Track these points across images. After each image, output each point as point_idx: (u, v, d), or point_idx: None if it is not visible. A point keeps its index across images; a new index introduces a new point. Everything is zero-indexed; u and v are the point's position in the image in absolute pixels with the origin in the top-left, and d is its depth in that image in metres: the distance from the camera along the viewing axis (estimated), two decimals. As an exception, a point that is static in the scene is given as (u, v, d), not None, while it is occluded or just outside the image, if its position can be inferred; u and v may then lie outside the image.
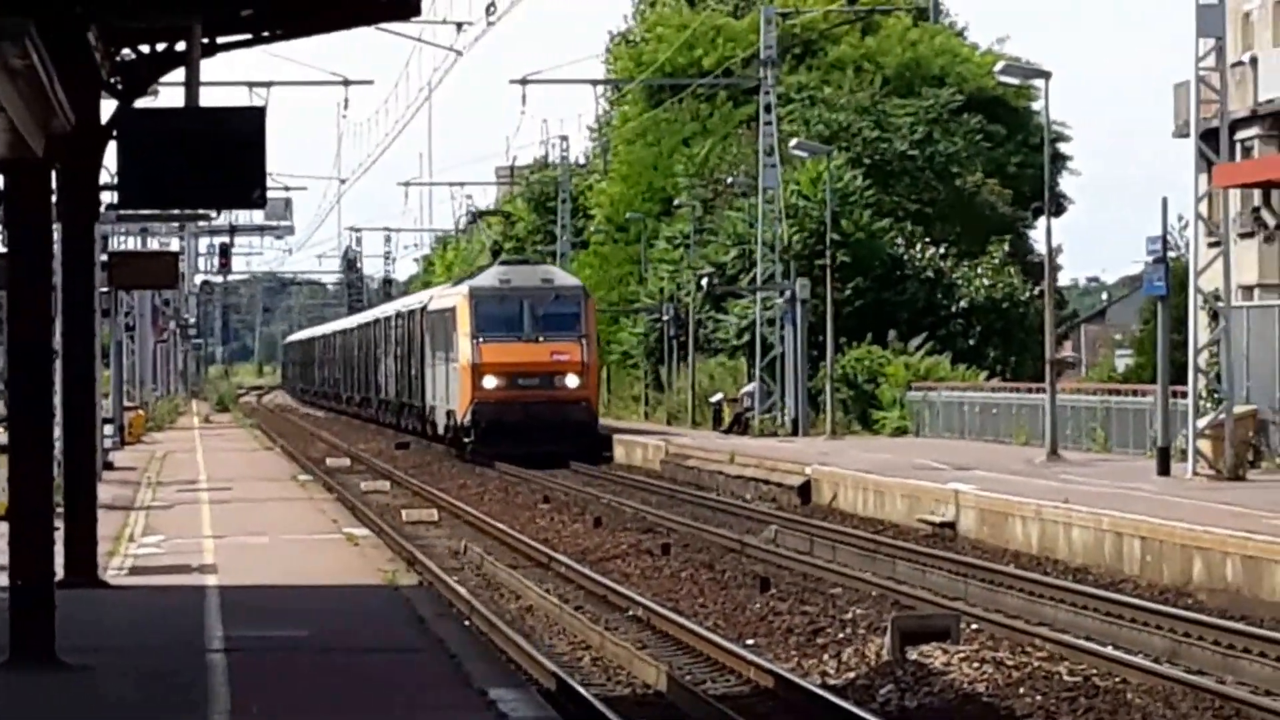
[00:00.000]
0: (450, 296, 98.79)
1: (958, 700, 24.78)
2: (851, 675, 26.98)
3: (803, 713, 24.06)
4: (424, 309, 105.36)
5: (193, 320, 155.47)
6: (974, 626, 30.03)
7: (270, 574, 32.62)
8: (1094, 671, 26.23)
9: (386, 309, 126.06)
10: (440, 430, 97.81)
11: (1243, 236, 66.45)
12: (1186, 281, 48.66)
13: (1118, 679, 25.83)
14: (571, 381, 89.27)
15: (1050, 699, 24.48)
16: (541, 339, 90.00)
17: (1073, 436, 60.13)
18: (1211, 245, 51.44)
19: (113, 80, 27.62)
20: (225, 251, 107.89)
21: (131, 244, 74.79)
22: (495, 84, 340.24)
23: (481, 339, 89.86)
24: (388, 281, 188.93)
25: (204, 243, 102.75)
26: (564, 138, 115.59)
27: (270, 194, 50.92)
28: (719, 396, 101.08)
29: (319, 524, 43.21)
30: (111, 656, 23.73)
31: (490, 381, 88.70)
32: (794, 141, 71.19)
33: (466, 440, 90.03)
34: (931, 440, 74.08)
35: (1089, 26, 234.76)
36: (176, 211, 66.61)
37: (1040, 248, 73.97)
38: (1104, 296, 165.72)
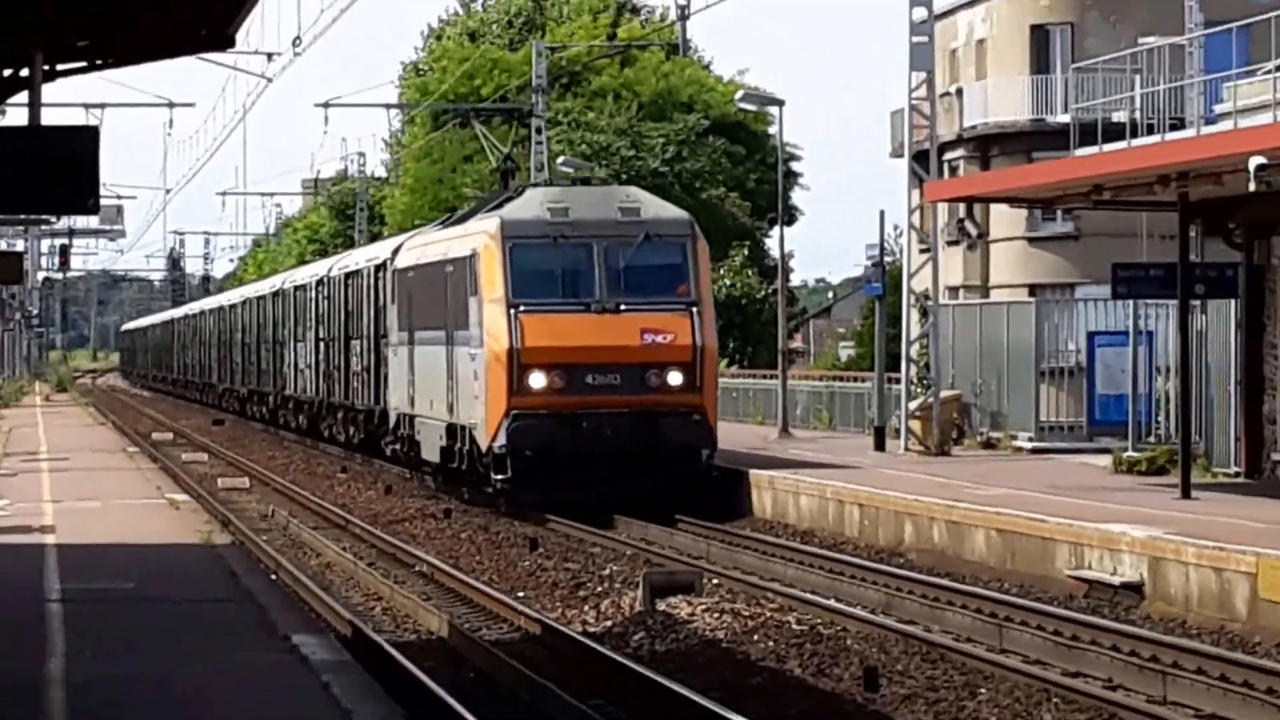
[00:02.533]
0: (452, 241, 49.30)
1: (700, 645, 24.74)
2: (608, 624, 26.99)
3: (566, 656, 23.92)
4: (385, 266, 56.89)
5: (35, 312, 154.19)
6: (714, 582, 30.02)
7: (102, 534, 32.30)
8: (818, 621, 26.34)
9: (296, 275, 78.76)
10: (426, 453, 49.75)
11: (949, 244, 68.41)
12: (901, 283, 49.72)
13: (839, 628, 25.90)
14: (675, 378, 43.57)
15: (780, 645, 24.50)
16: (624, 308, 43.87)
17: (802, 417, 60.05)
18: (922, 252, 52.38)
19: (-41, 100, 27.38)
20: (64, 252, 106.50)
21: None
22: (302, 106, 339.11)
23: (522, 308, 43.47)
24: (206, 279, 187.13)
25: (45, 244, 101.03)
26: (361, 154, 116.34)
27: (104, 202, 50.63)
28: None
29: (144, 490, 42.79)
30: None
31: (538, 379, 43.09)
32: (561, 159, 70.83)
33: (499, 479, 43.21)
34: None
35: (820, 60, 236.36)
36: (21, 217, 67.05)
37: (775, 253, 74.07)
38: (830, 295, 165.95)
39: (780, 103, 58.86)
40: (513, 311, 40.67)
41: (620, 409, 40.43)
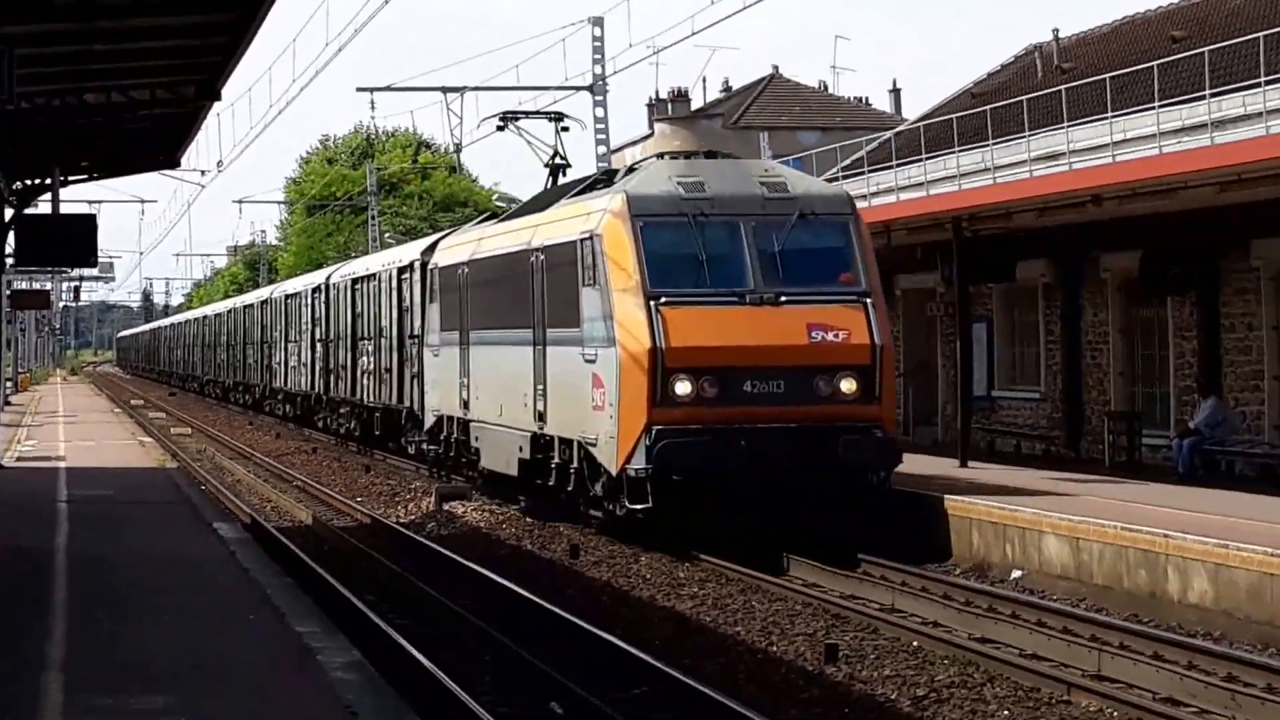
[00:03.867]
0: (541, 227, 24.63)
1: (470, 531, 24.44)
2: (413, 518, 26.53)
3: (386, 536, 23.61)
4: (413, 268, 34.94)
5: (58, 326, 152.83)
6: (478, 496, 28.93)
7: (95, 461, 31.70)
8: (546, 519, 25.06)
9: (285, 286, 57.10)
10: (491, 463, 26.94)
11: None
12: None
13: (551, 521, 24.98)
14: (850, 385, 21.08)
15: (519, 530, 24.09)
16: (785, 299, 21.26)
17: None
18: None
19: (10, 198, 27.40)
20: (76, 290, 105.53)
21: (23, 285, 72.33)
22: (225, 201, 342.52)
23: (663, 299, 20.98)
24: (166, 307, 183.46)
25: (64, 285, 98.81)
26: (263, 231, 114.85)
27: (100, 259, 50.37)
28: None
29: (124, 435, 42.02)
30: (6, 502, 23.60)
31: (685, 387, 20.71)
32: (387, 235, 70.70)
33: (636, 508, 20.68)
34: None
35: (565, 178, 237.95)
36: (49, 270, 66.97)
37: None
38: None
39: (518, 200, 58.52)
40: (652, 304, 20.50)
41: (786, 423, 20.60)
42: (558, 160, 29.23)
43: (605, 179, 23.69)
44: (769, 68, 63.81)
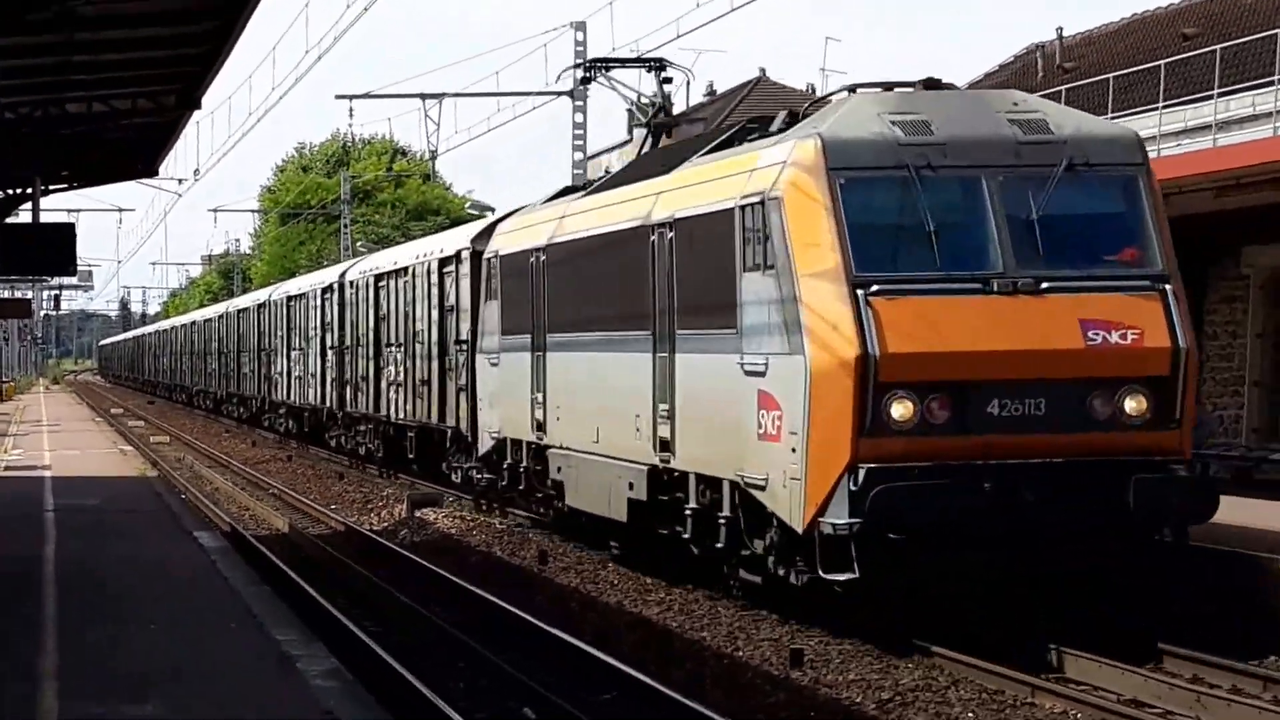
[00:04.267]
0: (669, 189, 17.49)
1: (440, 538, 24.59)
2: (386, 525, 26.67)
3: (361, 544, 23.81)
4: (460, 259, 28.39)
5: (39, 335, 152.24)
6: (450, 499, 29.10)
7: (79, 470, 31.78)
8: (516, 523, 25.56)
9: (286, 287, 50.14)
10: (583, 502, 20.26)
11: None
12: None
13: (525, 528, 25.41)
14: (1137, 405, 14.24)
15: (490, 536, 24.24)
16: (1048, 286, 14.17)
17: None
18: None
19: (-8, 207, 27.58)
20: (56, 299, 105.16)
21: (4, 294, 72.29)
22: (200, 210, 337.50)
23: (875, 287, 14.01)
24: (143, 315, 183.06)
25: (45, 294, 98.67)
26: (237, 240, 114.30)
27: (80, 267, 50.41)
28: None
29: (106, 444, 42.10)
30: None
31: (906, 409, 13.81)
32: (359, 243, 70.64)
33: (836, 579, 14.06)
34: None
35: (525, 186, 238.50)
36: (30, 278, 66.93)
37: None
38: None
39: (493, 209, 58.90)
40: (860, 294, 14.39)
41: (1049, 457, 14.47)
42: (661, 117, 23.11)
43: (760, 126, 17.08)
44: (756, 71, 63.40)
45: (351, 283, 38.11)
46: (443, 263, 29.66)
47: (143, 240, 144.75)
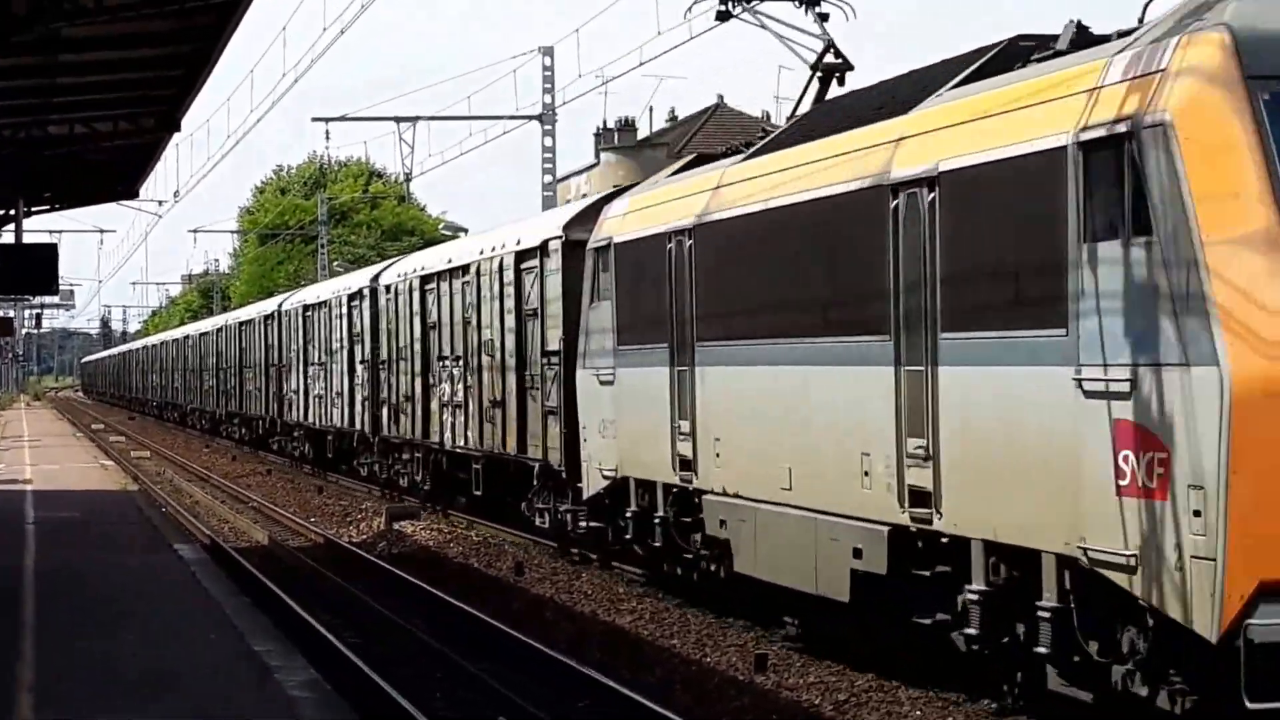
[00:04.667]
0: (918, 132, 12.10)
1: (419, 550, 24.63)
2: (365, 538, 26.72)
3: (340, 556, 23.87)
4: (547, 251, 22.38)
5: (21, 353, 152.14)
6: (428, 513, 28.85)
7: (61, 484, 31.90)
8: (491, 537, 25.63)
9: (302, 294, 44.42)
10: (758, 567, 14.89)
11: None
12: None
13: (497, 539, 25.32)
14: None
15: (467, 548, 24.26)
16: None
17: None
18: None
19: (-25, 228, 27.77)
20: (38, 318, 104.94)
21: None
22: (180, 231, 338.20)
23: None
24: (124, 333, 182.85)
25: (26, 312, 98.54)
26: (216, 260, 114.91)
27: (61, 287, 50.59)
28: None
29: (86, 458, 42.20)
30: None
31: None
32: (336, 263, 70.81)
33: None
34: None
35: (494, 207, 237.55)
36: (11, 297, 67.05)
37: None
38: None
39: (465, 229, 58.83)
40: None
41: None
42: (829, 59, 17.73)
43: (1079, 37, 11.75)
44: (715, 98, 64.06)
45: (388, 287, 32.32)
46: (521, 256, 23.90)
47: (124, 260, 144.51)
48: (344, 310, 36.00)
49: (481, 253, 26.11)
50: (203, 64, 18.92)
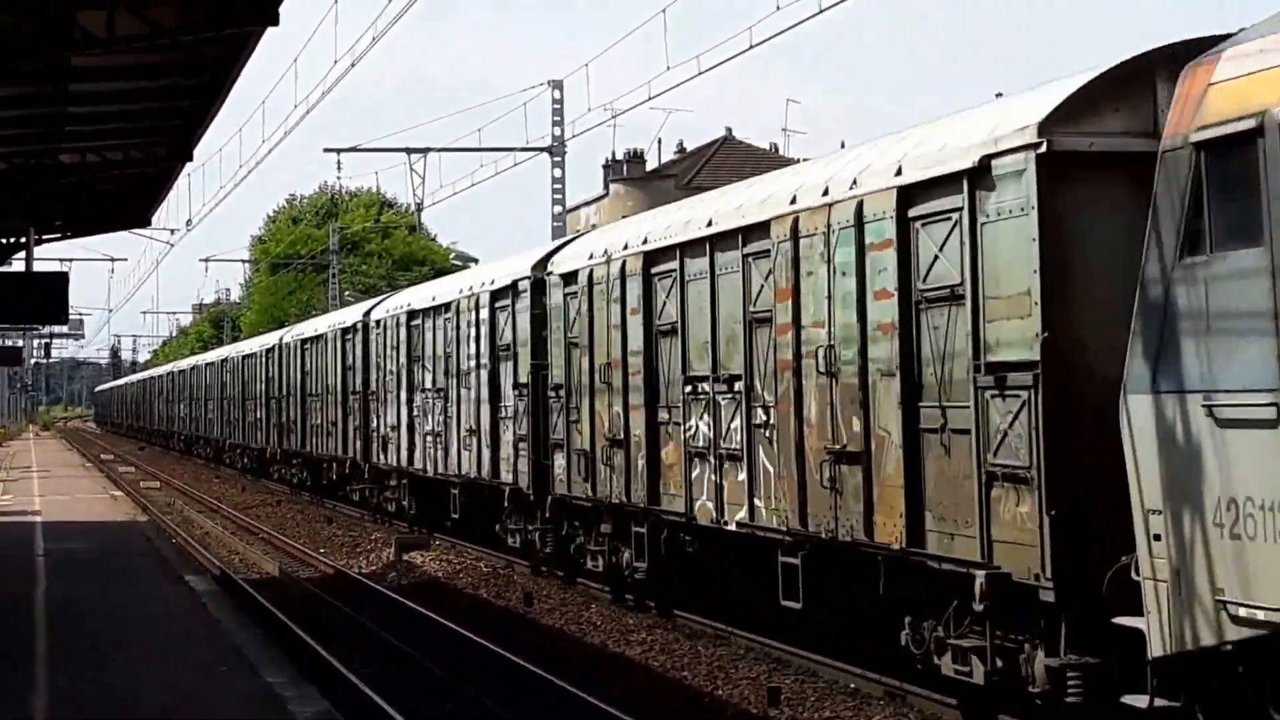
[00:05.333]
0: None
1: (428, 580, 24.53)
2: (375, 569, 26.59)
3: (350, 587, 23.72)
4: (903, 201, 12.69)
5: (30, 382, 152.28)
6: (438, 543, 29.09)
7: (70, 515, 31.80)
8: (499, 567, 25.51)
9: (408, 298, 31.53)
10: None
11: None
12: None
13: (506, 569, 25.33)
14: None
15: (476, 579, 24.22)
16: None
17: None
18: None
19: (-14, 256, 27.71)
20: (47, 347, 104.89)
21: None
22: (190, 260, 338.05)
23: None
24: (134, 363, 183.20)
25: (35, 341, 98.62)
26: (228, 289, 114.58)
27: (71, 316, 50.46)
28: None
29: (95, 489, 42.11)
30: None
31: None
32: (347, 293, 70.78)
33: None
34: None
35: (500, 238, 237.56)
36: (21, 327, 66.95)
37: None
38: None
39: (476, 260, 58.88)
40: None
41: None
42: None
43: None
44: (723, 129, 64.19)
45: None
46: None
47: (134, 289, 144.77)
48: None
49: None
50: (214, 95, 18.85)
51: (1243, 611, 8.83)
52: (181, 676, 13.36)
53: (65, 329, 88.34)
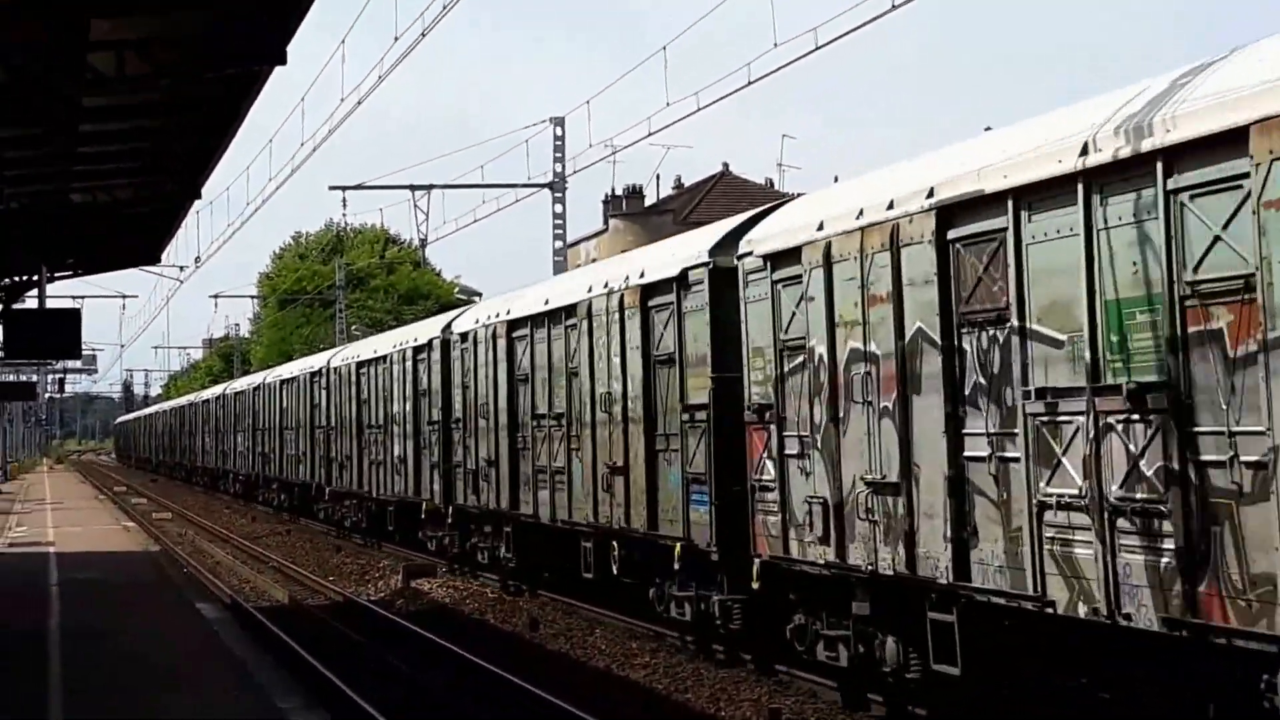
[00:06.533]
0: None
1: (435, 606, 24.52)
2: (383, 595, 26.60)
3: (358, 614, 23.73)
4: None
5: (44, 417, 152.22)
6: (443, 571, 28.85)
7: (83, 545, 31.87)
8: (508, 591, 25.44)
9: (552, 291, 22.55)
10: None
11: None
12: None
13: (512, 596, 25.32)
14: None
15: (483, 604, 24.18)
16: None
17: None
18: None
19: (0, 294, 27.71)
20: (61, 382, 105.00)
21: (9, 378, 72.72)
22: (200, 296, 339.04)
23: None
24: (145, 397, 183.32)
25: (49, 377, 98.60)
26: (237, 324, 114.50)
27: (84, 351, 50.42)
28: None
29: (108, 520, 42.18)
30: (2, 584, 23.80)
31: None
32: (354, 328, 71.00)
33: None
34: None
35: (505, 270, 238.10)
36: (34, 362, 66.96)
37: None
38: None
39: (480, 293, 58.99)
40: None
41: None
42: None
43: None
44: (720, 165, 64.41)
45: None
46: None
47: (146, 325, 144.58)
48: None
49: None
50: (223, 133, 18.95)
51: None
52: (193, 702, 13.42)
53: (78, 364, 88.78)
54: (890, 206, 12.86)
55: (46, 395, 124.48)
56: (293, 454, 43.94)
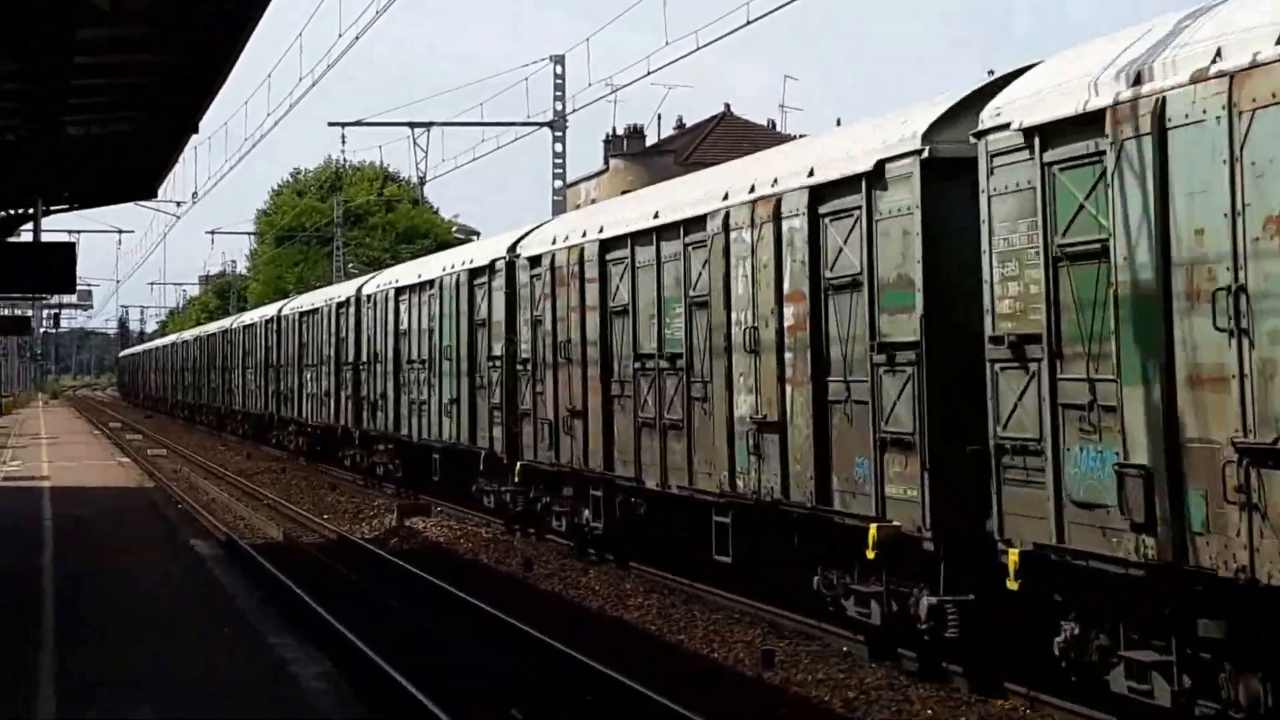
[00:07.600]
0: None
1: (429, 545, 24.48)
2: (377, 534, 26.53)
3: (352, 551, 23.68)
4: None
5: (39, 352, 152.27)
6: (439, 510, 29.07)
7: (77, 480, 31.86)
8: (499, 534, 25.37)
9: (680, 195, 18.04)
10: None
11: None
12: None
13: (505, 536, 25.18)
14: None
15: (477, 545, 24.16)
16: None
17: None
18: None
19: (-5, 228, 27.61)
20: (56, 317, 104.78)
21: (4, 311, 72.59)
22: (197, 232, 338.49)
23: None
24: (141, 333, 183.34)
25: (44, 312, 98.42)
26: (234, 261, 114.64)
27: (79, 286, 50.28)
28: None
29: (103, 455, 42.16)
30: None
31: None
32: (350, 265, 70.78)
33: None
34: None
35: (507, 209, 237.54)
36: (30, 296, 66.68)
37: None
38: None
39: (478, 232, 58.82)
40: None
41: None
42: None
43: None
44: (721, 106, 64.10)
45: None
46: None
47: (141, 260, 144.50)
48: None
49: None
50: (219, 69, 18.72)
51: None
52: (185, 639, 13.38)
53: (74, 299, 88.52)
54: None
55: (41, 330, 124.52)
56: (313, 393, 40.37)
